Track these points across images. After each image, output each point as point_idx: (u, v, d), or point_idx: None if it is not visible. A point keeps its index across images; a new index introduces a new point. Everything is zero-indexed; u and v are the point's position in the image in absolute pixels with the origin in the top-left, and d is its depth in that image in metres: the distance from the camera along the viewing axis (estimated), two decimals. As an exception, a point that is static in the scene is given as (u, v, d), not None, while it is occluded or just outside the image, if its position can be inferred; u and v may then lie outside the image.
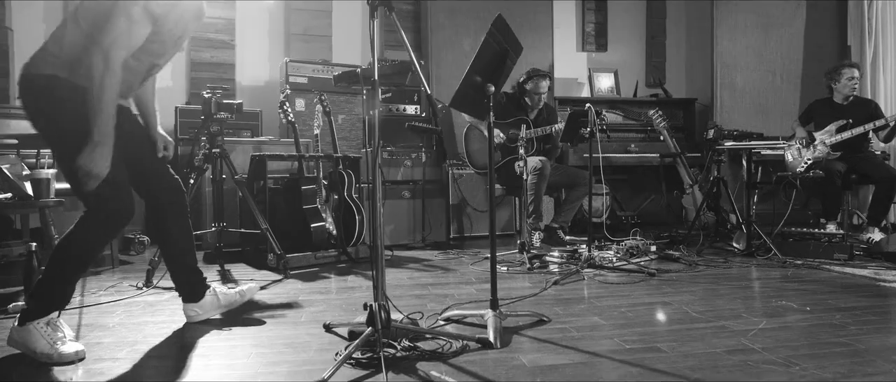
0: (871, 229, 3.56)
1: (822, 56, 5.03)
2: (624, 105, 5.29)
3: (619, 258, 3.14)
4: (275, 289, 2.60)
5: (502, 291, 2.48)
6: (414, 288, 2.61)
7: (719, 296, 2.35)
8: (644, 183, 5.28)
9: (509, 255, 3.36)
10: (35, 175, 2.53)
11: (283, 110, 3.43)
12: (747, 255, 3.37)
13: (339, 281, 2.79)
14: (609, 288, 2.53)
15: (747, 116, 5.06)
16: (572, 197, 3.85)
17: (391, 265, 3.24)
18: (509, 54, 2.00)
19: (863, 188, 4.43)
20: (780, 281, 2.66)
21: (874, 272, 2.79)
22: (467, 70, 1.89)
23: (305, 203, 3.27)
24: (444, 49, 4.88)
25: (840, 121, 3.72)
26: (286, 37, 4.87)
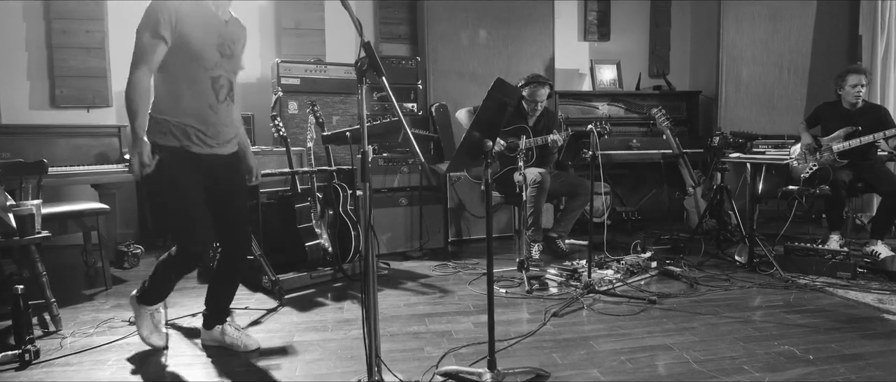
0: (875, 242, 3.50)
1: (831, 50, 4.87)
2: (626, 98, 5.16)
3: (619, 279, 3.09)
4: (270, 324, 2.57)
5: (500, 326, 2.44)
6: (411, 321, 2.57)
7: (720, 337, 2.31)
8: (645, 177, 5.21)
9: (508, 272, 3.32)
10: (18, 211, 2.44)
11: (274, 125, 3.32)
12: (749, 270, 3.33)
13: (335, 310, 2.75)
14: (609, 323, 2.49)
15: (752, 111, 4.94)
16: (572, 206, 3.78)
17: (387, 283, 3.20)
18: (507, 104, 1.90)
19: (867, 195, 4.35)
20: (783, 311, 2.63)
21: (878, 299, 2.75)
22: (467, 131, 1.81)
23: (300, 222, 3.20)
24: (441, 43, 4.71)
25: (848, 128, 3.61)
26: (278, 31, 4.70)
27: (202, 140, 2.00)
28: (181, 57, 1.90)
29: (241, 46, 2.14)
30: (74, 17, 4.20)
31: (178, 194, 1.97)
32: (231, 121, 2.12)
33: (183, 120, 1.96)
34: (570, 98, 5.08)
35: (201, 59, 1.93)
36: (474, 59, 4.80)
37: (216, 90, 2.00)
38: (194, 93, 1.95)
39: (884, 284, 3.00)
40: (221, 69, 2.00)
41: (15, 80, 4.19)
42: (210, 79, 1.98)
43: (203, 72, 1.95)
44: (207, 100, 1.98)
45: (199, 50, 1.92)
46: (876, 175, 3.58)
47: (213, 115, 2.01)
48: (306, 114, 3.59)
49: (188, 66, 1.92)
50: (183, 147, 1.96)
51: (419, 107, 4.54)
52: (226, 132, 2.08)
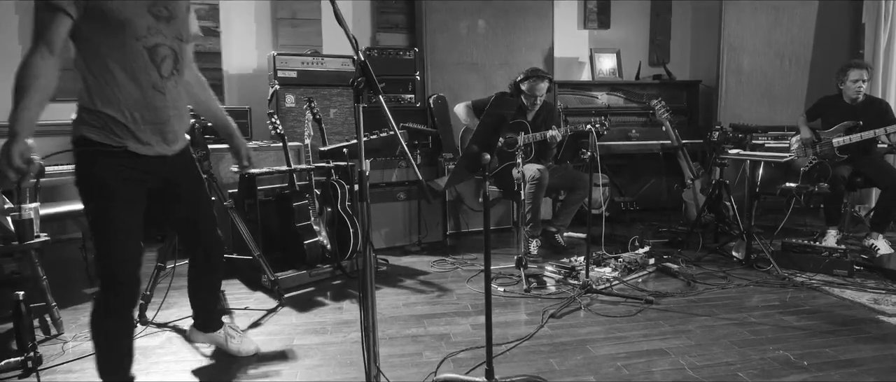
0: (875, 235, 3.52)
1: (833, 40, 4.81)
2: (626, 87, 5.12)
3: (617, 278, 3.11)
4: (269, 326, 2.58)
5: (497, 328, 2.46)
6: (409, 322, 2.59)
7: (716, 340, 2.33)
8: (644, 167, 5.20)
9: (506, 269, 3.34)
10: (17, 216, 2.44)
11: (271, 122, 3.30)
12: (747, 266, 3.34)
13: (334, 311, 2.76)
14: (606, 325, 2.51)
15: (753, 101, 4.91)
16: (571, 200, 3.78)
17: (385, 281, 3.22)
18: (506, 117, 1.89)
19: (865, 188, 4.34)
20: (779, 312, 2.65)
21: (873, 299, 2.77)
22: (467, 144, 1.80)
23: (298, 220, 3.20)
24: (439, 33, 4.65)
25: (849, 123, 3.60)
26: (274, 22, 4.64)
27: (145, 133, 1.60)
28: (101, 26, 1.49)
29: (184, 7, 1.70)
30: (67, 9, 4.14)
31: (105, 203, 1.56)
32: (183, 103, 1.71)
33: (119, 109, 1.55)
34: (570, 87, 5.04)
35: (129, 26, 1.51)
36: (473, 50, 4.75)
37: (157, 63, 1.59)
38: (129, 71, 1.54)
39: (880, 282, 3.02)
40: (160, 35, 1.58)
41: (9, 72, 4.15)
42: (146, 51, 1.56)
43: (135, 43, 1.53)
44: (148, 77, 1.57)
45: (124, 15, 1.50)
46: (875, 169, 3.57)
47: (160, 97, 1.60)
48: (303, 109, 3.57)
49: (114, 37, 1.51)
50: (120, 146, 1.57)
51: (417, 99, 4.51)
52: (178, 119, 1.68)
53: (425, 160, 4.04)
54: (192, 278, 2.04)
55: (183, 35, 1.67)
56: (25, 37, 4.15)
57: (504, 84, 4.81)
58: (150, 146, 1.61)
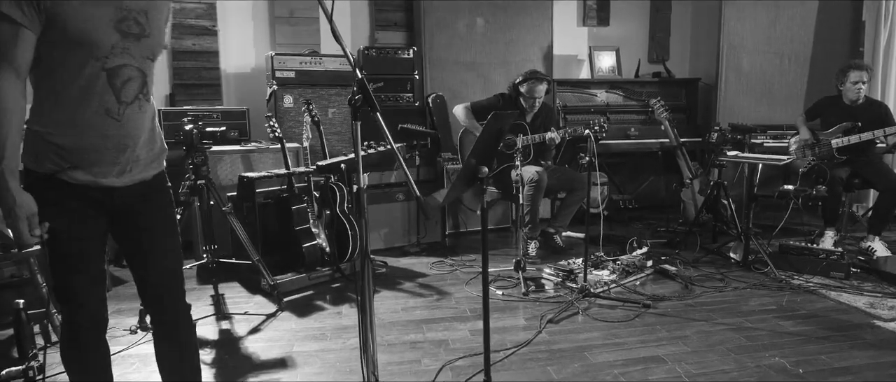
0: (872, 238, 3.53)
1: (833, 38, 4.79)
2: (625, 85, 5.11)
3: (614, 280, 3.12)
4: (269, 332, 2.60)
5: (495, 334, 2.49)
6: (408, 328, 2.61)
7: (712, 347, 2.35)
8: (643, 165, 5.20)
9: (504, 271, 3.35)
10: (15, 224, 2.44)
11: (270, 125, 3.30)
12: (744, 268, 3.36)
13: (333, 316, 2.78)
14: (603, 331, 2.53)
15: (752, 100, 4.90)
16: (570, 201, 3.79)
17: (384, 284, 3.23)
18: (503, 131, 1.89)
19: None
20: (775, 316, 2.66)
21: (869, 303, 2.79)
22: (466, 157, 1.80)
23: (297, 224, 3.21)
24: (438, 31, 4.63)
25: (848, 124, 3.60)
26: (271, 20, 4.61)
27: (90, 164, 1.35)
28: (56, 41, 1.28)
29: (162, 19, 1.46)
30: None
31: (54, 240, 1.35)
32: (146, 133, 1.44)
33: (64, 134, 1.32)
34: (569, 86, 5.03)
35: (89, 43, 1.29)
36: (472, 48, 4.73)
37: (117, 88, 1.35)
38: (81, 94, 1.31)
39: (876, 285, 3.03)
40: (126, 55, 1.35)
41: None
42: (105, 73, 1.32)
43: (93, 63, 1.31)
44: (102, 102, 1.33)
45: (84, 30, 1.28)
46: (874, 171, 3.58)
47: (114, 124, 1.35)
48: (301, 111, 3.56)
49: (70, 56, 1.30)
50: (63, 175, 1.34)
51: (416, 99, 4.50)
52: (137, 149, 1.42)
53: (424, 160, 4.04)
54: (156, 350, 1.59)
55: (155, 53, 1.45)
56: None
57: (503, 82, 4.80)
58: (95, 177, 1.36)
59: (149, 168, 1.48)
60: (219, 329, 2.64)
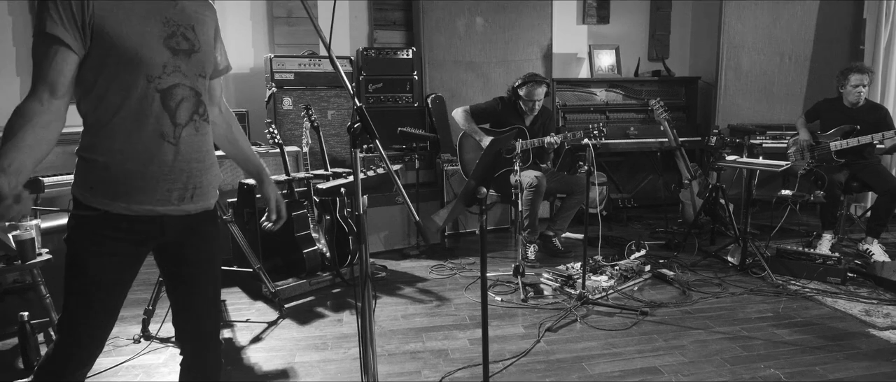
0: (870, 240, 3.55)
1: (834, 37, 4.77)
2: (624, 84, 5.10)
3: (613, 287, 3.14)
4: (270, 341, 2.62)
5: (494, 343, 2.52)
6: (408, 337, 2.63)
7: (708, 357, 2.37)
8: (642, 164, 5.21)
9: (503, 275, 3.37)
10: (18, 236, 2.46)
11: (270, 132, 3.30)
12: (741, 271, 3.38)
13: (334, 323, 2.81)
14: (601, 340, 2.55)
15: (752, 99, 4.90)
16: (569, 205, 3.80)
17: (385, 289, 3.26)
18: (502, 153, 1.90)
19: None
20: (771, 324, 2.69)
21: (865, 310, 2.81)
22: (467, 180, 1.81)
23: (298, 230, 3.23)
24: (437, 31, 4.62)
25: (847, 127, 3.60)
26: (270, 20, 4.59)
27: (144, 193, 1.29)
28: (106, 62, 1.21)
29: (211, 32, 1.41)
30: (61, 11, 4.10)
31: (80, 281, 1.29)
32: (206, 154, 1.38)
33: (114, 161, 1.26)
34: (568, 85, 5.02)
35: (140, 62, 1.23)
36: (471, 48, 4.72)
37: (171, 109, 1.29)
38: (134, 119, 1.25)
39: (872, 291, 3.06)
40: (178, 74, 1.29)
41: (5, 76, 4.12)
42: (158, 94, 1.26)
43: (145, 84, 1.24)
44: (158, 126, 1.27)
45: (134, 50, 1.22)
46: (872, 174, 3.59)
47: (170, 149, 1.29)
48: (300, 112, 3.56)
49: (121, 77, 1.23)
50: (115, 208, 1.28)
51: (415, 99, 4.50)
52: (194, 175, 1.34)
53: (424, 163, 4.04)
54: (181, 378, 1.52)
55: (207, 70, 1.37)
56: (20, 39, 4.12)
57: (502, 82, 4.79)
58: (149, 206, 1.30)
59: (209, 196, 1.41)
60: (221, 337, 2.66)
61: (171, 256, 1.43)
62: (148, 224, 1.32)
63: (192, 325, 1.48)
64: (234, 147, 1.59)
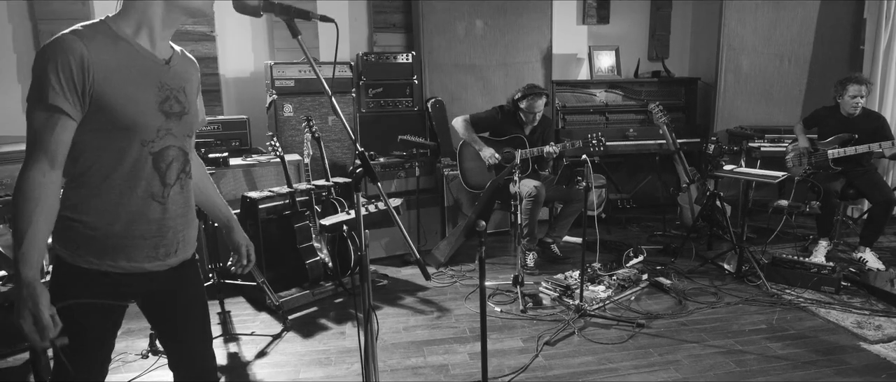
0: (863, 249, 3.60)
1: (834, 38, 4.77)
2: (624, 85, 5.11)
3: (610, 297, 3.20)
4: (275, 356, 2.69)
5: (494, 358, 2.58)
6: (409, 351, 2.70)
7: (703, 373, 2.44)
8: (641, 163, 5.24)
9: (503, 285, 3.42)
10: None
11: (271, 145, 3.34)
12: (737, 279, 3.44)
13: (337, 336, 2.87)
14: (598, 355, 2.61)
15: (751, 101, 4.91)
16: (567, 213, 3.84)
17: (386, 298, 3.32)
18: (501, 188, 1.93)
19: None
20: (765, 337, 2.75)
21: (857, 322, 2.87)
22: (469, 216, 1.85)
23: (300, 242, 3.27)
24: (437, 34, 4.62)
25: (844, 135, 3.63)
26: (269, 24, 4.59)
27: (135, 251, 1.30)
28: (101, 127, 1.21)
29: (195, 91, 1.43)
30: (61, 18, 4.10)
31: (71, 335, 1.20)
32: (189, 209, 1.41)
33: (103, 222, 1.26)
34: (568, 86, 5.03)
35: (135, 129, 1.24)
36: (471, 51, 4.72)
37: (162, 171, 1.31)
38: (125, 181, 1.26)
39: (865, 301, 3.11)
40: (169, 137, 1.31)
41: (6, 83, 4.15)
42: (151, 157, 1.28)
43: (139, 148, 1.26)
44: (148, 188, 1.29)
45: (131, 117, 1.23)
46: (868, 183, 3.62)
47: (158, 208, 1.31)
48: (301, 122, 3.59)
49: (116, 142, 1.24)
50: (92, 268, 1.27)
51: (415, 104, 4.52)
52: (183, 228, 1.39)
53: (424, 169, 4.07)
54: None
55: (194, 129, 1.40)
56: (20, 45, 4.13)
57: (502, 84, 4.81)
58: (137, 263, 1.31)
59: (190, 247, 1.44)
60: (227, 352, 2.73)
61: (157, 304, 1.45)
62: (135, 278, 1.33)
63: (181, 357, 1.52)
64: (203, 196, 1.58)
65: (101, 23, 1.24)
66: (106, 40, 1.21)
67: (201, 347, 1.54)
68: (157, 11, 1.27)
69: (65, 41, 1.15)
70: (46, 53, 1.15)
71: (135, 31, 1.26)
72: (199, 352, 1.53)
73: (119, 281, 1.31)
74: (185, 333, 1.49)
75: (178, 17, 1.32)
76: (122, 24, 1.25)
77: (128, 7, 1.27)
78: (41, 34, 4.10)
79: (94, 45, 1.18)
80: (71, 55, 1.14)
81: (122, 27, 1.25)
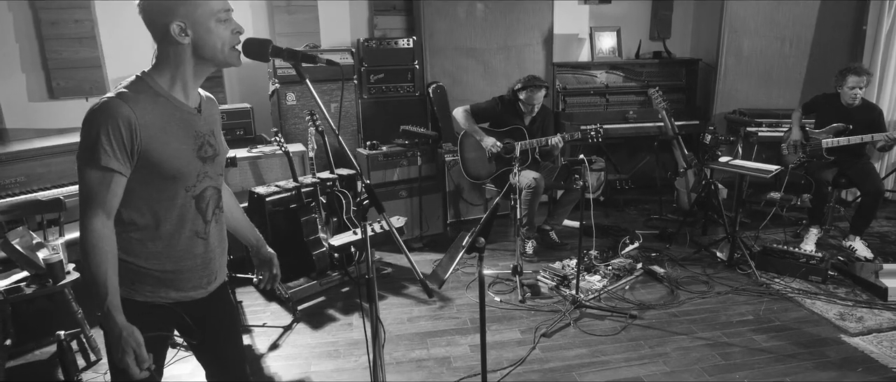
0: (853, 237, 3.71)
1: (836, 19, 4.74)
2: (625, 66, 5.12)
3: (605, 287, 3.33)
4: (287, 348, 2.84)
5: (492, 350, 2.73)
6: (413, 342, 2.85)
7: (689, 366, 2.58)
8: (640, 143, 5.30)
9: (503, 273, 3.55)
10: (48, 259, 2.63)
11: (277, 140, 3.41)
12: (729, 267, 3.56)
13: (345, 327, 3.02)
14: (591, 347, 2.76)
15: (751, 84, 4.93)
16: (565, 201, 3.94)
17: (390, 287, 3.46)
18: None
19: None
20: (751, 329, 2.89)
21: (839, 313, 3.00)
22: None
23: (307, 234, 3.39)
24: (438, 18, 4.61)
25: (839, 125, 3.68)
26: (270, 9, 4.57)
27: (179, 282, 1.44)
28: (150, 179, 1.33)
29: (220, 128, 1.56)
30: (61, 7, 4.10)
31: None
32: (223, 241, 1.55)
33: (156, 263, 1.40)
34: (569, 68, 5.04)
35: (179, 178, 1.37)
36: (472, 34, 4.72)
37: (203, 210, 1.44)
38: (174, 225, 1.40)
39: (850, 292, 3.24)
40: (206, 179, 1.43)
41: (10, 73, 4.18)
42: (193, 200, 1.41)
43: (184, 194, 1.39)
44: (193, 227, 1.43)
45: (176, 168, 1.35)
46: (860, 173, 3.70)
47: (201, 243, 1.45)
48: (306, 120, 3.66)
49: (162, 191, 1.36)
50: (153, 301, 1.42)
51: (416, 89, 4.55)
52: (218, 257, 1.53)
53: (425, 157, 4.15)
54: None
55: (224, 166, 1.53)
56: (21, 35, 4.14)
57: (503, 68, 4.83)
58: (185, 293, 1.46)
59: (224, 270, 1.58)
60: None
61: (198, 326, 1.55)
62: (182, 306, 1.48)
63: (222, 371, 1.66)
64: (234, 222, 1.69)
65: (141, 81, 1.34)
66: (148, 99, 1.31)
67: (236, 357, 1.68)
68: (188, 66, 1.36)
69: (114, 106, 1.25)
70: (98, 118, 1.25)
71: (170, 84, 1.36)
72: (235, 362, 1.67)
73: (172, 310, 1.45)
74: (223, 349, 1.62)
75: (207, 69, 1.42)
76: (158, 80, 1.35)
77: (162, 60, 1.36)
78: (42, 24, 4.10)
79: (139, 106, 1.28)
80: (120, 120, 1.24)
81: (159, 82, 1.35)
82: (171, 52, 1.34)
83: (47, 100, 4.27)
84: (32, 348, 2.85)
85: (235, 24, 1.39)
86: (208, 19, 1.31)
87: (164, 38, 1.32)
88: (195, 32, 1.31)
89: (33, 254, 2.72)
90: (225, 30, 1.35)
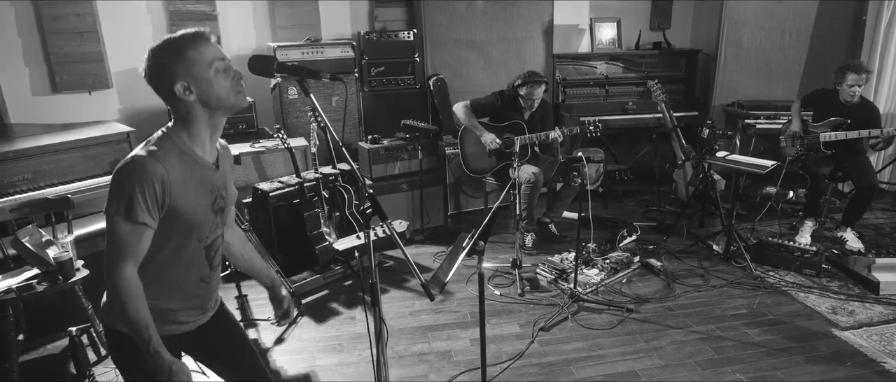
0: (844, 229, 3.77)
1: (836, 11, 4.74)
2: (625, 57, 5.13)
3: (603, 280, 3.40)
4: (292, 342, 2.91)
5: (492, 344, 2.81)
6: (415, 336, 2.92)
7: (683, 361, 2.66)
8: (639, 134, 5.33)
9: (502, 267, 3.62)
10: (58, 257, 2.69)
11: (280, 137, 3.45)
12: (725, 260, 3.63)
13: (348, 321, 3.09)
14: (588, 341, 2.84)
15: (750, 76, 4.95)
16: (564, 194, 3.99)
17: (391, 280, 3.53)
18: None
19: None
20: (745, 323, 2.96)
21: (831, 307, 3.07)
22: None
23: (310, 229, 3.45)
24: (438, 11, 4.62)
25: (837, 119, 3.72)
26: (270, 3, 4.57)
27: (182, 316, 1.54)
28: (171, 230, 1.41)
29: (232, 177, 1.64)
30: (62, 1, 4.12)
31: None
32: (219, 278, 1.67)
33: (162, 302, 1.47)
34: (569, 59, 5.06)
35: (195, 229, 1.45)
36: (472, 27, 4.72)
37: (210, 258, 1.55)
38: (183, 270, 1.49)
39: (843, 285, 3.31)
40: (217, 228, 1.54)
41: (13, 67, 4.20)
42: (204, 250, 1.51)
43: (196, 244, 1.48)
44: (199, 272, 1.53)
45: (194, 221, 1.44)
46: (856, 167, 3.74)
47: (205, 287, 1.56)
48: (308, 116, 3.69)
49: (178, 242, 1.44)
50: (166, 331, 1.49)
51: (417, 81, 4.57)
52: (215, 291, 1.64)
53: (426, 151, 4.19)
54: None
55: (232, 215, 1.66)
56: (24, 29, 4.15)
57: (503, 60, 4.84)
58: (188, 325, 1.56)
59: (216, 303, 1.67)
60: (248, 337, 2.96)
61: (203, 346, 1.66)
62: (186, 335, 1.58)
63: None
64: (248, 262, 1.79)
65: (167, 138, 1.40)
66: (175, 157, 1.38)
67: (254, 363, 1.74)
68: (202, 119, 1.42)
69: (150, 166, 1.32)
70: (132, 175, 1.31)
71: (190, 140, 1.43)
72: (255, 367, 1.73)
73: (177, 341, 1.54)
74: (237, 360, 1.70)
75: (221, 119, 1.48)
76: (183, 137, 1.42)
77: (178, 119, 1.42)
78: (44, 18, 4.12)
79: (169, 164, 1.36)
80: (154, 178, 1.31)
81: (183, 140, 1.42)
82: (182, 109, 1.40)
83: (50, 94, 4.30)
84: (44, 343, 2.93)
85: (234, 70, 1.45)
86: (206, 72, 1.37)
87: (173, 99, 1.38)
88: (198, 88, 1.37)
89: (43, 252, 2.78)
90: (225, 79, 1.41)
